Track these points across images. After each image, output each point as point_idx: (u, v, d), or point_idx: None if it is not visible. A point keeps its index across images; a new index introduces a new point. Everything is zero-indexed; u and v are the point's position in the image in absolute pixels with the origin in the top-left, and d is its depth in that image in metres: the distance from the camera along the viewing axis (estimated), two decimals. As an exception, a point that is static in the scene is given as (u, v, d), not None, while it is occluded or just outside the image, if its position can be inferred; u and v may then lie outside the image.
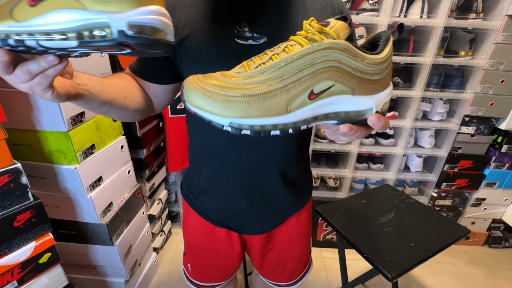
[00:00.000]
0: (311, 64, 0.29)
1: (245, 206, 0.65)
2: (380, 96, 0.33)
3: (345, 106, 0.32)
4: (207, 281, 0.78)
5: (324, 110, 0.31)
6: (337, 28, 0.31)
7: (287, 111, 0.29)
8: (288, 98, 0.29)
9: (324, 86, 0.30)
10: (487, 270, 1.59)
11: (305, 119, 0.31)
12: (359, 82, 0.31)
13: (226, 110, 0.29)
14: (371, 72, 0.31)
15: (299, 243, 0.74)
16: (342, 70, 0.30)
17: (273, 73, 0.30)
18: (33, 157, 0.89)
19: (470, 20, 1.28)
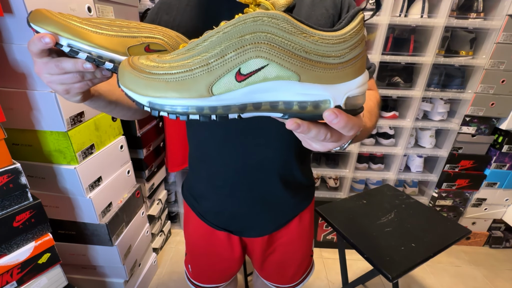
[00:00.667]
0: (238, 39, 0.24)
1: (244, 209, 0.64)
2: (342, 86, 0.25)
3: (287, 95, 0.25)
4: (208, 282, 0.78)
5: (259, 97, 0.25)
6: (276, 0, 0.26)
7: (209, 93, 0.25)
8: (210, 77, 0.25)
9: (254, 65, 0.24)
10: (487, 271, 1.58)
11: (236, 106, 0.26)
12: (303, 64, 0.24)
13: (146, 89, 0.26)
14: (323, 53, 0.24)
15: (301, 246, 0.73)
16: (276, 47, 0.24)
17: (199, 49, 0.26)
18: (32, 157, 0.88)
19: (471, 19, 1.28)
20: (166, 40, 0.36)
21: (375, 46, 1.31)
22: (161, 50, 0.36)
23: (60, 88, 0.36)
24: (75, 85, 0.35)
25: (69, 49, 0.33)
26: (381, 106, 1.52)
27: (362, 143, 1.56)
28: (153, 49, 0.35)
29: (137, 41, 0.34)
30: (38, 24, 0.32)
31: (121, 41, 0.34)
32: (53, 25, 0.32)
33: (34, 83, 0.78)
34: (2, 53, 0.74)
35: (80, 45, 0.32)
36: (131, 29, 0.35)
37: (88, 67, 0.34)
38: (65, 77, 0.35)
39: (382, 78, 1.44)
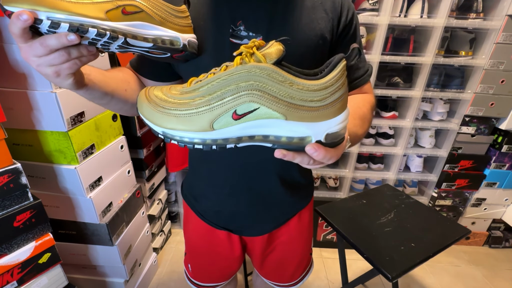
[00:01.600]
0: (235, 86, 0.30)
1: (243, 208, 0.64)
2: (322, 125, 0.30)
3: (276, 130, 0.31)
4: (208, 281, 0.78)
5: (253, 131, 0.31)
6: (269, 51, 0.30)
7: (211, 128, 0.31)
8: (212, 116, 0.30)
9: (247, 108, 0.30)
10: (487, 270, 1.59)
11: (232, 138, 0.32)
12: (289, 108, 0.29)
13: (160, 121, 0.32)
14: (306, 98, 0.29)
15: (301, 244, 0.73)
16: (267, 94, 0.29)
17: (202, 91, 0.32)
18: (33, 157, 0.88)
19: (470, 20, 1.28)
20: (140, 1, 0.39)
21: (374, 46, 1.31)
22: (138, 12, 0.38)
23: (50, 70, 0.35)
24: (64, 65, 0.35)
25: (50, 22, 0.32)
26: (381, 106, 1.53)
27: (362, 143, 1.56)
28: (130, 11, 0.37)
29: (112, 4, 0.36)
30: (12, 4, 0.31)
31: (98, 7, 0.35)
32: (28, 2, 0.31)
33: (34, 83, 0.78)
34: (2, 53, 0.74)
35: (59, 15, 0.32)
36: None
37: (72, 38, 0.33)
38: (52, 57, 0.34)
39: (382, 78, 1.44)
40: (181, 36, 0.43)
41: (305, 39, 0.50)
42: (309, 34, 0.50)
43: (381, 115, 1.54)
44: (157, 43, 0.41)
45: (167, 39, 0.41)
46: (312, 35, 0.50)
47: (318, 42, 0.51)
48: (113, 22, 0.36)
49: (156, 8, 0.40)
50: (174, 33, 0.42)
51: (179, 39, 0.43)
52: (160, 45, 0.41)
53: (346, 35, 0.54)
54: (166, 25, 0.41)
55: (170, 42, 0.42)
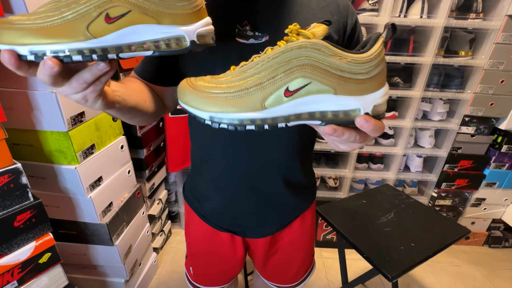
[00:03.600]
0: (286, 63, 0.30)
1: (247, 210, 0.64)
2: (370, 97, 0.31)
3: (327, 106, 0.31)
4: (209, 284, 0.78)
5: (303, 108, 0.31)
6: (314, 30, 0.32)
7: (263, 107, 0.31)
8: (263, 95, 0.30)
9: (299, 83, 0.30)
10: (487, 270, 1.59)
11: (283, 116, 0.31)
12: (339, 81, 0.30)
13: (207, 105, 0.31)
14: (354, 71, 0.30)
15: (303, 246, 0.73)
16: (318, 68, 0.30)
17: (251, 72, 0.32)
18: (33, 157, 0.89)
19: (470, 20, 1.28)
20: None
21: (374, 46, 1.31)
22: (125, 14, 0.31)
23: (78, 97, 0.34)
24: (87, 91, 0.33)
25: (34, 56, 0.29)
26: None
27: (362, 143, 1.56)
28: (116, 16, 0.30)
29: (90, 16, 0.30)
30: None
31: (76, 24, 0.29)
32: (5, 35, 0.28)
33: (34, 83, 0.78)
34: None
35: (41, 47, 0.29)
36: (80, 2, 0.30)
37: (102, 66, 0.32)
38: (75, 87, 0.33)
39: (382, 78, 1.44)
40: (186, 30, 0.33)
41: None
42: None
43: (381, 115, 1.54)
44: (159, 49, 0.33)
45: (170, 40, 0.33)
46: None
47: None
48: (97, 39, 0.30)
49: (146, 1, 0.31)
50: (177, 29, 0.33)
51: (184, 35, 0.33)
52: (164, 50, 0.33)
53: (352, 38, 0.55)
54: (164, 19, 0.32)
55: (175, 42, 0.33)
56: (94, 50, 0.31)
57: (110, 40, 0.31)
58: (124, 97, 0.43)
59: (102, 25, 0.30)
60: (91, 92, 0.33)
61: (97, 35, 0.30)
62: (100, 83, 0.33)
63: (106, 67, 0.32)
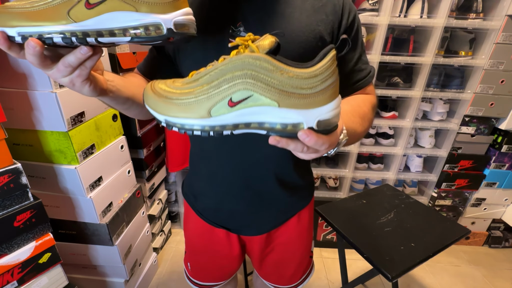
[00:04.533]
0: (230, 74, 0.32)
1: (241, 207, 0.65)
2: (314, 112, 0.31)
3: (269, 117, 0.32)
4: (207, 280, 0.78)
5: (247, 119, 0.32)
6: (262, 43, 0.33)
7: (209, 115, 0.33)
8: (210, 103, 0.32)
9: (242, 95, 0.31)
10: (487, 270, 1.59)
11: (228, 125, 0.33)
12: (280, 95, 0.31)
13: (163, 109, 0.34)
14: (297, 85, 0.30)
15: (300, 246, 0.73)
16: (258, 82, 0.31)
17: (202, 81, 0.34)
18: (33, 157, 0.89)
19: (470, 20, 1.28)
20: None
21: (374, 47, 1.31)
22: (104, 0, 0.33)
23: (66, 81, 0.37)
24: (73, 75, 0.36)
25: (21, 38, 0.32)
26: (381, 106, 1.54)
27: (362, 143, 1.56)
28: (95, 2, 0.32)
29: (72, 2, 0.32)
30: None
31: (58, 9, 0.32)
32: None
33: (34, 83, 0.78)
34: (3, 53, 0.74)
35: (27, 29, 0.32)
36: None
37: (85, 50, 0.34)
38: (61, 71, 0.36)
39: (382, 78, 1.44)
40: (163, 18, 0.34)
41: (304, 40, 0.50)
42: (308, 35, 0.50)
43: (381, 115, 1.54)
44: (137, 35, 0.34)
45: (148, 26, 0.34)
46: (311, 37, 0.50)
47: (317, 43, 0.51)
48: (78, 23, 0.33)
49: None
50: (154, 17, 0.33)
51: (161, 23, 0.34)
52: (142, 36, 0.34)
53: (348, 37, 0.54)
54: (142, 7, 0.33)
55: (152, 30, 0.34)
56: (74, 33, 0.33)
57: (90, 24, 0.33)
58: (118, 88, 0.45)
59: (83, 10, 0.32)
60: (77, 76, 0.36)
61: (77, 19, 0.33)
62: (85, 67, 0.36)
63: (88, 51, 0.34)
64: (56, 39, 0.33)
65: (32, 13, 0.32)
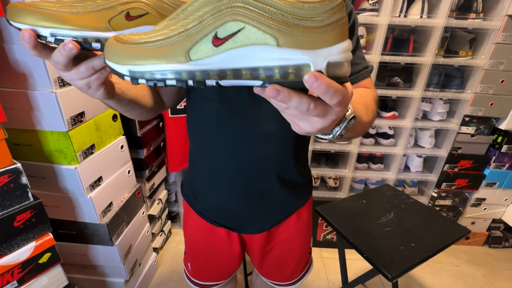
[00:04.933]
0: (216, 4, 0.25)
1: (242, 206, 0.65)
2: (322, 51, 0.24)
3: (266, 60, 0.24)
4: (207, 280, 0.78)
5: (237, 63, 0.25)
6: None
7: (187, 59, 0.25)
8: (188, 42, 0.25)
9: (230, 29, 0.24)
10: (487, 270, 1.59)
11: (213, 72, 0.25)
12: (281, 27, 0.23)
13: (127, 58, 0.27)
14: (301, 15, 0.23)
15: (299, 243, 0.74)
16: (252, 10, 0.24)
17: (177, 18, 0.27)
18: (33, 157, 0.88)
19: (470, 20, 1.28)
20: (145, 1, 0.34)
21: (374, 46, 1.31)
22: (143, 15, 0.34)
23: (82, 83, 0.36)
24: (92, 78, 0.35)
25: (54, 39, 0.32)
26: (381, 106, 1.53)
27: (362, 143, 1.56)
28: (135, 15, 0.34)
29: (115, 11, 0.33)
30: (15, 19, 0.31)
31: (99, 16, 0.33)
32: (30, 17, 0.31)
33: (34, 83, 0.78)
34: (3, 53, 0.74)
35: (63, 31, 0.32)
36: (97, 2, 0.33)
37: None
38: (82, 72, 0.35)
39: (382, 78, 1.44)
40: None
41: None
42: None
43: (381, 115, 1.54)
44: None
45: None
46: None
47: None
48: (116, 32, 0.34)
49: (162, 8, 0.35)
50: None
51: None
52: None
53: None
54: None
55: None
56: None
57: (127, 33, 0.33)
58: (123, 90, 0.45)
59: (122, 21, 0.33)
60: (95, 79, 0.36)
61: (116, 28, 0.33)
62: (105, 71, 0.36)
63: None
64: (94, 45, 0.33)
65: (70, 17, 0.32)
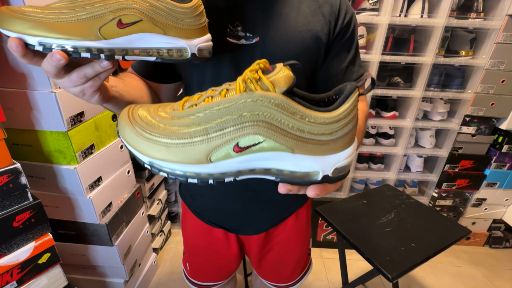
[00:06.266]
0: (238, 115, 0.26)
1: (239, 206, 0.65)
2: (331, 158, 0.28)
3: (281, 164, 0.28)
4: (206, 280, 0.78)
5: (254, 164, 0.28)
6: (277, 78, 0.27)
7: (208, 161, 0.27)
8: (209, 148, 0.27)
9: (251, 140, 0.27)
10: (487, 271, 1.58)
11: (231, 172, 0.28)
12: (297, 142, 0.27)
13: (147, 149, 0.28)
14: (317, 131, 0.27)
15: (298, 244, 0.74)
16: (274, 127, 0.26)
17: (199, 118, 0.28)
18: (32, 157, 0.88)
19: (471, 19, 1.28)
20: (137, 7, 0.33)
21: (375, 46, 1.31)
22: (136, 22, 0.33)
23: (76, 90, 0.35)
24: (86, 85, 0.35)
25: (42, 47, 0.31)
26: (381, 106, 1.53)
27: (362, 143, 1.56)
28: (127, 23, 0.33)
29: (105, 19, 0.32)
30: (3, 26, 0.30)
31: (89, 24, 0.31)
32: (17, 24, 0.30)
33: (34, 83, 0.78)
34: (2, 53, 0.74)
35: (51, 40, 0.31)
36: (95, 5, 0.32)
37: (105, 64, 0.34)
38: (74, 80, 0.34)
39: (382, 78, 1.44)
40: (189, 44, 0.37)
41: (300, 41, 0.50)
42: (305, 35, 0.50)
43: (381, 115, 1.54)
44: (162, 56, 0.36)
45: (172, 50, 0.37)
46: (308, 37, 0.50)
47: (313, 44, 0.51)
48: (107, 40, 0.32)
49: (157, 13, 0.34)
50: (180, 42, 0.37)
51: (187, 48, 0.37)
52: (166, 57, 0.37)
53: (342, 37, 0.54)
54: (170, 31, 0.35)
55: (177, 53, 0.37)
56: (102, 49, 0.33)
57: (119, 43, 0.33)
58: (121, 93, 0.44)
59: (114, 29, 0.33)
60: (89, 86, 0.35)
61: (107, 37, 0.33)
62: (99, 78, 0.35)
63: (109, 66, 0.34)
64: (83, 55, 0.32)
65: (59, 25, 0.31)
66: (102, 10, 0.32)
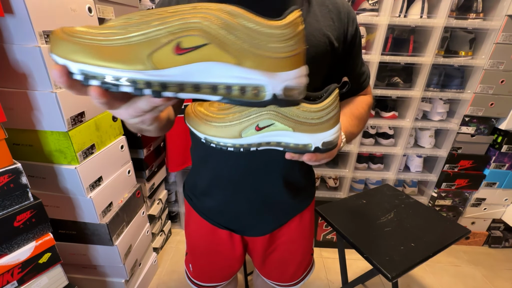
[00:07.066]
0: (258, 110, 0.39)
1: (246, 209, 0.65)
2: (320, 135, 0.40)
3: (286, 139, 0.41)
4: (208, 281, 0.78)
5: (269, 139, 0.41)
6: None
7: (240, 136, 0.40)
8: (241, 127, 0.40)
9: (266, 123, 0.39)
10: (487, 270, 1.59)
11: (254, 143, 0.41)
12: (295, 124, 0.39)
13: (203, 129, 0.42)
14: (308, 117, 0.39)
15: (302, 244, 0.74)
16: (280, 114, 0.39)
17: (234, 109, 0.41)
18: (33, 157, 0.88)
19: (470, 20, 1.28)
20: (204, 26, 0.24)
21: (374, 47, 1.31)
22: (200, 46, 0.24)
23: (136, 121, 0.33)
24: (146, 117, 0.32)
25: (83, 77, 0.25)
26: (381, 106, 1.53)
27: (362, 143, 1.56)
28: (187, 48, 0.24)
29: (158, 42, 0.24)
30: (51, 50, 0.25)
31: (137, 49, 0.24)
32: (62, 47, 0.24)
33: (34, 83, 0.78)
34: (3, 53, 0.74)
35: (91, 68, 0.24)
36: (151, 23, 0.24)
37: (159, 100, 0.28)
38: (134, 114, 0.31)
39: (382, 79, 1.44)
40: (271, 80, 0.26)
41: (315, 44, 0.51)
42: (320, 39, 0.51)
43: (381, 115, 1.54)
44: (229, 96, 0.26)
45: (247, 88, 0.26)
46: (322, 40, 0.51)
47: (326, 48, 0.52)
48: (159, 71, 0.25)
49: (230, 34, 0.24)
50: (259, 76, 0.26)
51: (267, 86, 0.26)
52: (234, 97, 0.27)
53: (354, 45, 0.57)
54: (247, 61, 0.25)
55: (252, 92, 0.26)
56: (150, 83, 0.25)
57: (174, 74, 0.25)
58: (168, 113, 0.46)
59: (169, 55, 0.24)
60: (148, 118, 0.32)
61: (159, 66, 0.25)
62: (159, 110, 0.31)
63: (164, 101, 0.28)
64: (123, 89, 0.25)
65: (103, 49, 0.24)
66: (159, 30, 0.24)
